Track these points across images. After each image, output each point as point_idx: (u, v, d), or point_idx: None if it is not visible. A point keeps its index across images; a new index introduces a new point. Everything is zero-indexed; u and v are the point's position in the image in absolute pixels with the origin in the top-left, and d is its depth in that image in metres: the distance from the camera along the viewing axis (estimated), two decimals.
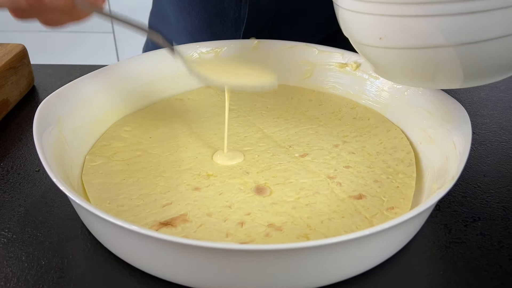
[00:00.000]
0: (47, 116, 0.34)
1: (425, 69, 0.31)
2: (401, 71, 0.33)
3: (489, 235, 0.31)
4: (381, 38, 0.30)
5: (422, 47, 0.29)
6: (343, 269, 0.27)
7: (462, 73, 0.30)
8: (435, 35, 0.28)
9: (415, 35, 0.29)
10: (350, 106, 0.44)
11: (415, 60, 0.30)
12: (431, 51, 0.29)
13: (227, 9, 0.53)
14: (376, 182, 0.34)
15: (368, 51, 0.33)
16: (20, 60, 0.48)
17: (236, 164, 0.36)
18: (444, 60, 0.29)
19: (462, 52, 0.29)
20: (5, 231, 0.31)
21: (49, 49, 1.56)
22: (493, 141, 0.41)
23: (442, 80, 0.32)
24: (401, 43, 0.30)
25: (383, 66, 0.33)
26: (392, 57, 0.31)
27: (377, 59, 0.33)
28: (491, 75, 0.31)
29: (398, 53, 0.31)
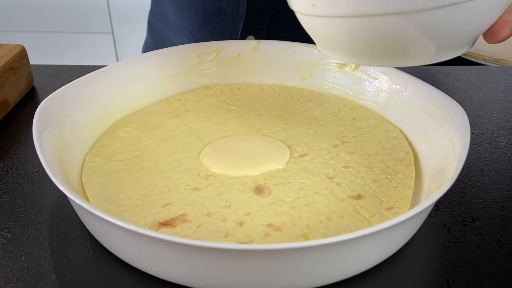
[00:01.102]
0: (46, 116, 0.34)
1: (370, 43, 0.28)
2: (342, 45, 0.29)
3: (487, 235, 0.31)
4: (314, 5, 0.28)
5: (358, 15, 0.26)
6: (342, 269, 0.27)
7: (417, 46, 0.27)
8: (364, 1, 0.25)
9: (348, 1, 0.26)
10: (349, 107, 0.44)
11: (354, 32, 0.27)
12: (369, 21, 0.26)
13: (225, 8, 0.53)
14: (375, 182, 0.34)
15: (306, 21, 0.30)
16: (19, 60, 0.48)
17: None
18: (392, 31, 0.26)
19: (405, 21, 0.26)
20: (5, 231, 0.31)
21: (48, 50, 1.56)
22: (492, 141, 0.41)
23: (398, 56, 0.28)
24: (334, 11, 0.27)
25: (323, 39, 0.31)
26: (329, 28, 0.28)
27: (316, 30, 0.30)
28: (449, 48, 0.28)
29: (333, 22, 0.28)
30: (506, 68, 0.56)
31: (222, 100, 0.46)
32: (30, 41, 1.25)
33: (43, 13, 1.52)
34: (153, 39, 0.67)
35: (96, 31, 1.55)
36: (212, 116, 0.43)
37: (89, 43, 1.57)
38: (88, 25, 1.54)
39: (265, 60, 0.48)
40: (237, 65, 0.48)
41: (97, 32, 1.55)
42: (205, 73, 0.48)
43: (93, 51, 1.58)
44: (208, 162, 0.36)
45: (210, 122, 0.42)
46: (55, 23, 1.54)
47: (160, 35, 0.65)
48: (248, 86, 0.48)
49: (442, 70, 0.54)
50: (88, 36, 1.56)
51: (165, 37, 0.64)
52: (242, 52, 0.48)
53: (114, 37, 1.56)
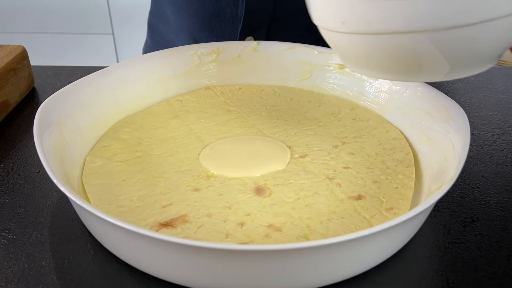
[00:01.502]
0: (47, 117, 0.34)
1: (394, 59, 0.28)
2: (368, 61, 0.30)
3: (487, 236, 0.31)
4: (343, 22, 0.28)
5: (386, 32, 0.27)
6: (342, 270, 0.27)
7: (441, 63, 0.28)
8: (397, 19, 0.26)
9: (377, 19, 0.26)
10: (349, 107, 0.44)
11: (381, 48, 0.28)
12: (398, 38, 0.27)
13: (225, 8, 0.54)
14: (375, 182, 0.34)
15: (332, 37, 0.30)
16: (20, 61, 0.48)
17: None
18: (415, 48, 0.27)
19: (431, 39, 0.26)
20: (6, 232, 0.31)
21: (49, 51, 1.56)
22: (492, 142, 0.41)
23: (417, 72, 0.29)
24: (363, 28, 0.27)
25: (348, 55, 0.31)
26: (355, 44, 0.29)
27: (342, 46, 0.31)
28: (470, 66, 0.29)
29: (361, 39, 0.28)
30: (506, 69, 0.56)
31: (223, 101, 0.46)
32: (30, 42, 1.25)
33: (44, 14, 1.52)
34: (153, 39, 0.67)
35: (97, 32, 1.55)
36: (213, 117, 0.43)
37: (89, 44, 1.57)
38: (89, 26, 1.54)
39: (265, 61, 0.48)
40: (238, 66, 0.48)
41: (97, 33, 1.55)
42: (205, 74, 0.48)
43: (93, 52, 1.59)
44: (208, 163, 0.36)
45: (210, 123, 0.42)
46: (55, 24, 1.54)
47: (160, 36, 0.65)
48: (248, 87, 0.48)
49: None
50: (88, 37, 1.57)
51: (165, 37, 0.64)
52: (242, 53, 0.48)
53: (114, 38, 1.57)
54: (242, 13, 0.52)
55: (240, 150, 0.38)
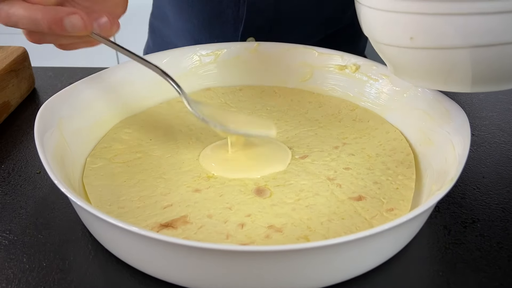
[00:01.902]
0: (48, 118, 0.34)
1: (449, 71, 0.30)
2: (424, 72, 0.31)
3: (488, 236, 0.31)
4: (412, 38, 0.29)
5: (454, 47, 0.28)
6: (343, 270, 0.27)
7: (476, 76, 0.29)
8: (471, 35, 0.27)
9: (449, 35, 0.28)
10: (350, 108, 0.44)
11: (442, 61, 0.29)
12: (463, 52, 0.28)
13: (226, 10, 0.54)
14: (376, 183, 0.34)
15: (394, 51, 0.32)
16: (21, 62, 0.48)
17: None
18: (472, 62, 0.28)
19: (490, 54, 0.28)
20: (7, 233, 0.31)
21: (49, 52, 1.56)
22: (492, 142, 0.41)
23: (457, 82, 0.31)
24: (432, 43, 0.29)
25: (406, 67, 0.32)
26: (420, 58, 0.30)
27: (402, 60, 0.32)
28: (505, 81, 0.30)
29: (427, 53, 0.29)
30: None
31: (223, 102, 0.46)
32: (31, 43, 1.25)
33: None
34: (154, 41, 0.67)
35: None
36: None
37: None
38: None
39: (266, 62, 0.48)
40: (238, 67, 0.48)
41: None
42: (206, 75, 0.48)
43: (94, 53, 1.58)
44: (208, 165, 0.36)
45: None
46: None
47: (162, 37, 0.65)
48: (249, 88, 0.48)
49: None
50: None
51: (166, 39, 0.64)
52: (243, 54, 0.48)
53: (115, 39, 1.57)
54: (243, 14, 0.52)
55: (240, 151, 0.38)
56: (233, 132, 0.36)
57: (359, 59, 0.45)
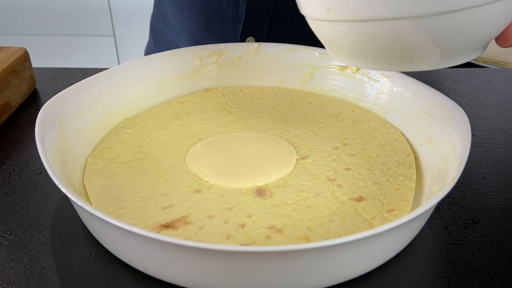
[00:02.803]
0: (48, 119, 0.34)
1: (381, 47, 0.28)
2: (355, 50, 0.29)
3: (489, 237, 0.31)
4: (329, 10, 0.28)
5: (371, 19, 0.26)
6: (343, 271, 0.27)
7: (429, 51, 0.27)
8: (383, 5, 0.25)
9: (362, 6, 0.26)
10: (350, 109, 0.44)
11: (368, 36, 0.27)
12: (382, 24, 0.26)
13: (226, 9, 0.54)
14: (376, 184, 0.34)
15: (319, 26, 0.30)
16: (21, 63, 0.48)
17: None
18: (403, 36, 0.26)
19: (413, 26, 0.26)
20: (7, 233, 0.31)
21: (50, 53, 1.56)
22: (493, 143, 0.41)
23: (404, 61, 0.28)
24: (349, 15, 0.27)
25: (335, 44, 0.31)
26: (343, 33, 0.28)
27: (328, 35, 0.30)
28: (459, 55, 0.28)
29: (348, 27, 0.28)
30: (507, 71, 0.56)
31: (224, 103, 0.46)
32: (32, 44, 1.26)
33: (45, 16, 1.53)
34: (155, 41, 0.67)
35: (98, 34, 1.56)
36: (214, 119, 0.43)
37: (91, 46, 1.58)
38: (90, 28, 1.55)
39: (266, 62, 0.48)
40: (239, 67, 0.48)
41: (98, 34, 1.56)
42: (206, 75, 0.48)
43: (95, 54, 1.59)
44: (199, 170, 0.35)
45: (211, 125, 0.42)
46: (57, 26, 1.55)
47: (163, 37, 0.65)
48: (249, 88, 0.48)
49: (443, 73, 0.54)
50: (90, 39, 1.57)
51: (167, 39, 0.64)
52: (243, 54, 0.48)
53: (115, 39, 1.57)
54: (242, 13, 0.53)
55: (239, 153, 0.38)
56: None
57: None
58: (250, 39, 0.55)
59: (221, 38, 0.56)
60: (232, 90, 0.48)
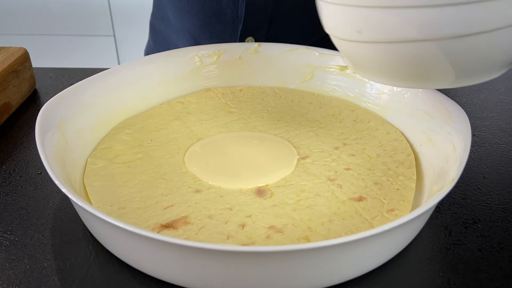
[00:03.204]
0: (49, 119, 0.35)
1: (407, 66, 0.29)
2: (381, 68, 0.31)
3: (489, 237, 0.31)
4: (359, 31, 0.29)
5: (402, 41, 0.27)
6: (343, 271, 0.27)
7: (450, 71, 0.28)
8: (414, 28, 0.26)
9: (393, 28, 0.27)
10: (350, 109, 0.44)
11: (396, 56, 0.29)
12: (412, 46, 0.27)
13: (225, 9, 0.54)
14: (377, 184, 0.34)
15: (346, 46, 0.31)
16: (21, 63, 0.48)
17: None
18: (427, 56, 0.28)
19: (445, 48, 0.27)
20: (8, 233, 0.31)
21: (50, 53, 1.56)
22: (493, 143, 0.41)
23: (428, 79, 0.30)
24: (380, 37, 0.28)
25: (360, 62, 0.32)
26: (371, 53, 0.29)
27: (355, 54, 0.31)
28: (482, 74, 0.29)
29: (377, 48, 0.29)
30: (507, 71, 0.56)
31: (224, 103, 0.46)
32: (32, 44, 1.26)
33: (45, 16, 1.53)
34: (155, 41, 0.67)
35: (98, 34, 1.56)
36: (214, 119, 0.43)
37: (91, 46, 1.58)
38: (90, 28, 1.55)
39: (266, 62, 0.48)
40: (239, 67, 0.48)
41: (99, 34, 1.56)
42: (206, 75, 0.48)
43: (95, 54, 1.59)
44: (198, 172, 0.35)
45: (211, 125, 0.42)
46: (57, 26, 1.55)
47: (162, 37, 0.65)
48: (249, 88, 0.48)
49: None
50: (90, 39, 1.57)
51: (167, 38, 0.64)
52: (243, 54, 0.48)
53: (115, 39, 1.57)
54: (242, 13, 0.53)
55: (240, 154, 0.38)
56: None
57: None
58: (249, 39, 0.55)
59: (220, 38, 0.56)
60: (232, 90, 0.48)
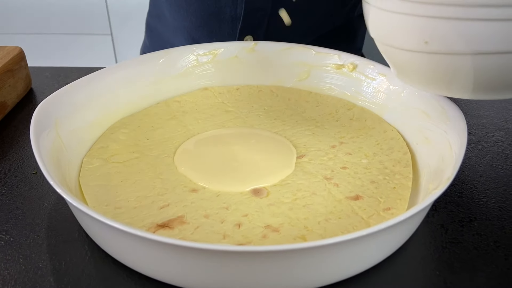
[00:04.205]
0: (44, 118, 0.34)
1: (452, 76, 0.29)
2: (429, 77, 0.31)
3: (485, 235, 0.31)
4: (427, 42, 0.28)
5: (459, 53, 0.28)
6: (340, 270, 0.27)
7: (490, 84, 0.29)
8: (475, 41, 0.27)
9: (456, 40, 0.27)
10: (347, 107, 0.44)
11: (447, 66, 0.29)
12: (467, 58, 0.28)
13: (224, 8, 0.54)
14: (373, 183, 0.34)
15: (403, 55, 0.31)
16: (17, 62, 0.48)
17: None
18: (475, 68, 0.28)
19: (491, 61, 0.27)
20: (3, 233, 0.31)
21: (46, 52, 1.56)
22: (489, 141, 0.41)
23: (458, 88, 0.30)
24: (445, 48, 0.28)
25: (412, 71, 0.31)
26: (428, 63, 0.29)
27: (410, 63, 0.31)
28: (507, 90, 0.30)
29: (436, 58, 0.29)
30: None
31: (220, 102, 0.46)
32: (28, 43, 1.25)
33: (41, 15, 1.52)
34: (151, 40, 0.67)
35: (95, 33, 1.55)
36: (210, 118, 0.43)
37: (87, 45, 1.57)
38: (87, 27, 1.54)
39: (263, 61, 0.48)
40: (235, 66, 0.48)
41: (95, 33, 1.55)
42: (203, 74, 0.48)
43: (91, 53, 1.58)
44: (191, 174, 0.35)
45: (208, 124, 0.42)
46: (53, 25, 1.54)
47: (158, 36, 0.65)
48: (246, 87, 0.48)
49: None
50: (86, 38, 1.56)
51: (163, 38, 0.64)
52: (240, 53, 0.48)
53: (112, 38, 1.56)
54: (241, 12, 0.53)
55: (237, 154, 0.38)
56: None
57: (356, 58, 0.45)
58: (248, 37, 0.55)
59: (219, 37, 0.56)
60: (229, 89, 0.48)
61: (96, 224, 0.28)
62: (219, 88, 0.47)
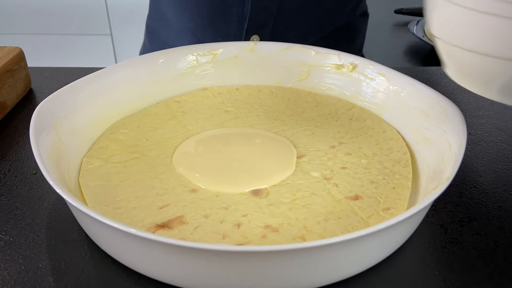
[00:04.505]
0: (44, 118, 0.34)
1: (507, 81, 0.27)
2: (490, 82, 0.28)
3: (485, 235, 0.31)
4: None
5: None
6: (339, 270, 0.27)
7: None
8: None
9: None
10: (347, 107, 0.44)
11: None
12: None
13: (231, 7, 0.54)
14: (373, 183, 0.34)
15: (476, 59, 0.27)
16: (17, 63, 0.48)
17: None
18: None
19: None
20: (2, 234, 0.31)
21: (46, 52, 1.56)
22: (489, 141, 0.41)
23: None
24: None
25: (478, 76, 0.29)
26: (501, 69, 0.26)
27: (481, 69, 0.28)
28: None
29: (504, 63, 0.26)
30: None
31: (220, 102, 0.46)
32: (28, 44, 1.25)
33: (41, 15, 1.52)
34: (152, 42, 0.67)
35: (95, 33, 1.55)
36: (210, 118, 0.43)
37: (87, 45, 1.57)
38: (87, 27, 1.54)
39: (262, 61, 0.48)
40: (235, 66, 0.48)
41: (95, 34, 1.55)
42: (202, 74, 0.48)
43: (91, 53, 1.58)
44: (190, 175, 0.34)
45: (207, 124, 0.42)
46: (53, 25, 1.54)
47: (159, 39, 0.65)
48: (245, 87, 0.48)
49: (439, 71, 0.54)
50: (86, 38, 1.56)
51: (164, 40, 0.64)
52: (239, 53, 0.48)
53: (112, 38, 1.56)
54: (248, 11, 0.52)
55: (236, 155, 0.37)
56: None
57: (356, 58, 0.45)
58: (254, 37, 0.55)
59: (225, 37, 0.56)
60: (229, 89, 0.48)
61: (95, 224, 0.28)
62: (219, 88, 0.47)
